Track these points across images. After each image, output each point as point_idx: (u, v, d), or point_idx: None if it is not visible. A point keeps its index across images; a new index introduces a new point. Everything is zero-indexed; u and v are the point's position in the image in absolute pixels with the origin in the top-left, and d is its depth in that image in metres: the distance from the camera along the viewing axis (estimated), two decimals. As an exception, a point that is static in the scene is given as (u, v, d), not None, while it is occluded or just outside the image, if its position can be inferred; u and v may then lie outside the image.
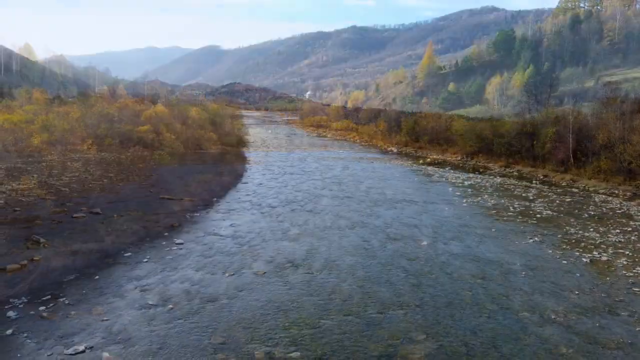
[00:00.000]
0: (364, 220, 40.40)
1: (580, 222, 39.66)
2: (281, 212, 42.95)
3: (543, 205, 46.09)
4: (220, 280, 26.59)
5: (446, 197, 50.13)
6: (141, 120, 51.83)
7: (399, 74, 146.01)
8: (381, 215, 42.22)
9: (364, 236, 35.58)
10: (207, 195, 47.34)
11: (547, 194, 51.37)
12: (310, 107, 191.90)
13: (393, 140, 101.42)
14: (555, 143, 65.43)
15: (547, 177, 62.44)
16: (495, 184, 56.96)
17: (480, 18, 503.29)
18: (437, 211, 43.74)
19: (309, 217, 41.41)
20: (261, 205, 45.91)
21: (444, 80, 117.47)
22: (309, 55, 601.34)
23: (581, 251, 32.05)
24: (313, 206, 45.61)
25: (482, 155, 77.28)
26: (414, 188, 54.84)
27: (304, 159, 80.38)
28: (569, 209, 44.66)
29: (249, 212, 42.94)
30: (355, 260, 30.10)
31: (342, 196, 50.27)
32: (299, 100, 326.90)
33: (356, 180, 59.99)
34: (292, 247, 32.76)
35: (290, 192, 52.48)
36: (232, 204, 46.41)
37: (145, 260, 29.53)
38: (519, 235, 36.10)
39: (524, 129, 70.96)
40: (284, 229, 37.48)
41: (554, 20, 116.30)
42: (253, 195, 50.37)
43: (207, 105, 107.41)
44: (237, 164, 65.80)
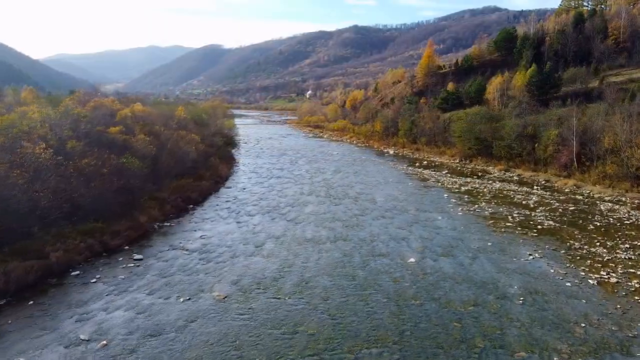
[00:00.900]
0: (349, 231, 36.94)
1: (585, 235, 36.14)
2: (259, 222, 39.53)
3: (544, 214, 42.59)
4: (172, 306, 23.18)
5: (440, 204, 46.65)
6: (116, 121, 48.53)
7: (397, 74, 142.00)
8: (368, 225, 38.75)
9: (346, 251, 32.11)
10: (181, 202, 43.90)
11: (548, 201, 47.86)
12: (308, 107, 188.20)
13: (390, 142, 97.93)
14: (558, 146, 61.87)
15: (549, 182, 58.91)
16: (493, 190, 53.48)
17: (483, 18, 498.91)
18: (430, 221, 40.26)
19: (289, 227, 37.97)
20: (239, 213, 42.50)
21: (444, 79, 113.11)
22: (310, 54, 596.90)
23: (587, 270, 28.55)
24: (296, 214, 42.16)
25: (481, 158, 73.74)
26: (407, 194, 51.38)
27: (295, 161, 76.99)
28: (572, 218, 41.15)
29: (225, 222, 39.53)
30: (332, 282, 26.65)
31: (328, 203, 46.83)
32: (300, 99, 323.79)
33: (346, 184, 56.54)
34: (263, 265, 29.34)
35: (274, 198, 49.05)
36: (208, 212, 43.02)
37: (93, 280, 26.16)
38: (517, 250, 32.60)
39: (525, 130, 67.40)
40: (259, 242, 34.07)
41: (556, 18, 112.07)
42: (233, 202, 46.97)
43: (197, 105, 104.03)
44: (222, 166, 62.43)
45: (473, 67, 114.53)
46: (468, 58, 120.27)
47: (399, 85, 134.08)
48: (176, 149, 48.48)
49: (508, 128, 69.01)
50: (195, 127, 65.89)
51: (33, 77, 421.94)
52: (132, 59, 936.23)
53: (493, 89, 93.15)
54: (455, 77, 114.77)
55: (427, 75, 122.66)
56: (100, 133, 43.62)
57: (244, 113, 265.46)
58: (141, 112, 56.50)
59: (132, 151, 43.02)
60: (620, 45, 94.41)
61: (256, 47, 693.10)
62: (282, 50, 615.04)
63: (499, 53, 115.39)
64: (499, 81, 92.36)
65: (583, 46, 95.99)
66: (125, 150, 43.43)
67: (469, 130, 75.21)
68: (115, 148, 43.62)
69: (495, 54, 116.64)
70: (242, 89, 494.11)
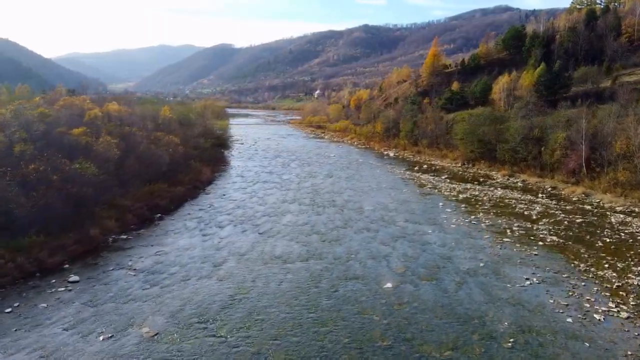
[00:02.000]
0: (325, 247, 32.89)
1: (592, 254, 31.78)
2: (228, 235, 35.60)
3: (548, 227, 38.23)
4: (87, 347, 19.28)
5: (433, 215, 42.42)
6: (84, 122, 44.93)
7: (402, 73, 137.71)
8: (348, 240, 34.66)
9: (315, 272, 28.06)
10: (147, 211, 40.09)
11: (553, 212, 43.45)
12: (312, 107, 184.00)
13: (391, 144, 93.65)
14: (566, 150, 57.31)
15: (555, 189, 54.41)
16: (494, 198, 49.14)
17: (494, 17, 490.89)
18: (418, 235, 36.09)
19: (259, 241, 34.00)
20: (209, 224, 38.60)
21: (450, 79, 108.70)
22: (320, 54, 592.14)
23: (592, 301, 24.27)
24: (271, 226, 38.18)
25: (484, 162, 69.28)
26: (399, 202, 47.19)
27: (288, 163, 73.04)
28: (578, 233, 36.76)
29: (189, 235, 35.65)
30: (288, 314, 22.64)
31: (310, 212, 42.80)
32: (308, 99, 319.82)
33: (335, 191, 52.47)
34: (215, 289, 25.39)
35: (253, 206, 45.10)
36: (175, 222, 39.17)
37: (8, 310, 22.35)
38: (513, 272, 28.36)
39: (531, 133, 62.90)
40: (219, 260, 30.13)
41: (568, 16, 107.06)
42: (207, 211, 43.09)
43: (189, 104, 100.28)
44: (206, 169, 58.63)
45: (480, 67, 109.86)
46: (475, 57, 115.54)
47: (404, 85, 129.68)
48: (147, 152, 44.63)
49: (513, 130, 64.53)
50: (179, 128, 62.08)
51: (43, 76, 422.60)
52: (143, 58, 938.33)
53: (499, 88, 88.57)
54: (461, 77, 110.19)
55: (432, 74, 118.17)
56: (61, 135, 39.84)
57: (250, 112, 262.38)
58: (116, 112, 52.78)
59: (94, 155, 39.25)
60: (635, 44, 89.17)
61: (266, 46, 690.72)
62: (291, 49, 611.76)
63: (507, 52, 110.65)
64: (506, 81, 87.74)
65: (595, 44, 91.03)
66: (88, 154, 39.73)
67: (472, 133, 70.79)
68: (77, 151, 39.94)
69: (503, 52, 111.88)
70: (251, 88, 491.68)
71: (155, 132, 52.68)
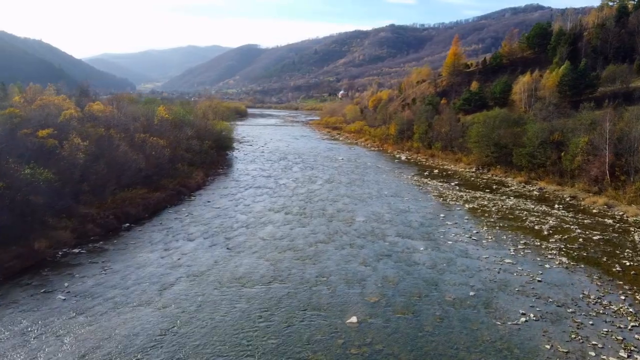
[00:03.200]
0: (296, 267, 28.90)
1: (607, 281, 27.04)
2: (192, 250, 31.91)
3: (559, 245, 33.45)
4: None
5: (430, 228, 37.98)
6: (58, 122, 42.03)
7: (423, 73, 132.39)
8: (325, 258, 30.58)
9: (274, 300, 24.10)
10: (114, 220, 36.71)
11: (569, 226, 38.51)
12: (330, 108, 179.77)
13: (404, 146, 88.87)
14: (588, 156, 52.03)
15: (574, 199, 49.20)
16: (504, 209, 44.35)
17: (524, 16, 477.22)
18: (407, 253, 31.77)
19: (223, 258, 30.19)
20: (177, 235, 35.01)
21: (471, 79, 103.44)
22: (345, 54, 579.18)
23: (600, 348, 19.77)
24: (244, 239, 34.36)
25: (500, 167, 64.15)
26: (396, 212, 42.85)
27: (290, 167, 69.20)
28: (594, 253, 31.93)
29: (150, 248, 32.08)
30: (221, 358, 18.74)
31: (295, 223, 38.83)
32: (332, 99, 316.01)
33: (331, 198, 48.41)
34: (148, 320, 21.66)
35: (235, 215, 41.38)
36: (142, 233, 35.69)
37: None
38: (508, 304, 23.93)
39: (550, 137, 57.65)
40: (169, 281, 26.43)
41: (598, 13, 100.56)
42: (182, 220, 39.53)
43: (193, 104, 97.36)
44: (198, 173, 55.20)
45: (502, 66, 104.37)
46: (497, 56, 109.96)
47: (423, 85, 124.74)
48: (121, 156, 41.34)
49: (530, 133, 59.30)
50: (173, 129, 58.77)
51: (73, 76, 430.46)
52: (171, 59, 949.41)
53: (520, 89, 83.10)
54: (482, 77, 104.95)
55: (452, 74, 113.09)
56: (25, 137, 36.80)
57: (272, 113, 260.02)
58: (100, 113, 49.76)
59: (57, 159, 36.09)
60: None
61: (292, 46, 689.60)
62: (317, 49, 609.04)
63: (531, 50, 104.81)
64: (527, 80, 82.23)
65: (626, 42, 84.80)
66: (53, 158, 36.64)
67: (487, 136, 65.70)
68: (42, 155, 36.90)
69: (527, 51, 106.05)
70: (276, 88, 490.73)
71: (141, 134, 49.32)
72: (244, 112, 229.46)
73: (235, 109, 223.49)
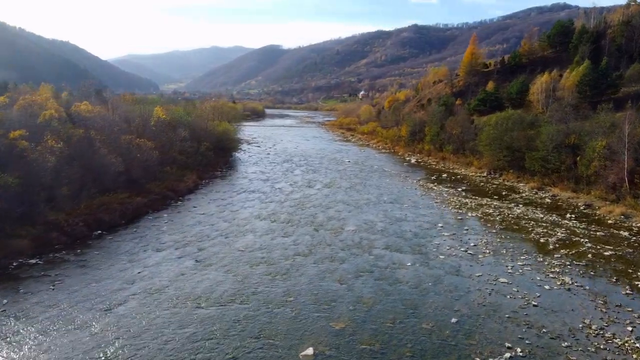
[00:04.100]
0: (262, 284, 26.14)
1: (614, 309, 23.63)
2: (156, 262, 29.38)
3: (565, 262, 30.05)
4: None
5: (425, 240, 34.86)
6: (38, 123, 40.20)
7: (440, 72, 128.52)
8: (299, 273, 27.77)
9: (226, 325, 21.39)
10: (83, 227, 34.48)
11: (579, 239, 34.96)
12: (345, 108, 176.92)
13: (415, 148, 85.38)
14: (605, 161, 48.16)
15: (589, 207, 45.40)
16: (510, 218, 40.91)
17: (550, 16, 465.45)
18: (391, 269, 28.78)
19: (187, 273, 27.60)
20: (148, 245, 32.57)
21: (488, 79, 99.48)
22: (367, 54, 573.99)
23: (594, 395, 16.47)
24: (217, 250, 31.76)
25: (512, 172, 60.36)
26: (391, 221, 39.78)
27: (292, 169, 66.54)
28: (603, 272, 28.48)
29: (113, 260, 29.66)
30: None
31: (278, 232, 36.12)
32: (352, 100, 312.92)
33: (325, 204, 45.57)
34: (70, 347, 19.15)
35: (217, 222, 38.85)
36: (112, 241, 33.36)
37: None
38: (493, 335, 20.80)
39: (566, 140, 53.80)
40: (118, 300, 23.90)
41: (624, 10, 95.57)
42: (159, 227, 37.15)
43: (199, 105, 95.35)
44: (191, 176, 52.80)
45: (521, 65, 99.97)
46: (516, 55, 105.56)
47: (439, 85, 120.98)
48: (98, 158, 39.17)
49: (544, 136, 55.50)
50: (166, 130, 56.58)
51: (98, 77, 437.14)
52: (195, 59, 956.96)
53: (537, 89, 78.96)
54: (501, 77, 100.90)
55: (469, 74, 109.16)
56: (-4, 138, 34.89)
57: (290, 113, 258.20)
58: (88, 113, 47.80)
59: (25, 162, 34.03)
60: (700, 37, 77.70)
61: (314, 47, 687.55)
62: (339, 50, 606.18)
63: (552, 49, 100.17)
64: (545, 80, 78.05)
65: (653, 40, 79.94)
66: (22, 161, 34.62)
67: (499, 138, 61.99)
68: (12, 158, 34.91)
69: (548, 50, 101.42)
70: (297, 89, 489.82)
71: (128, 135, 47.18)
72: (261, 113, 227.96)
73: (252, 109, 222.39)
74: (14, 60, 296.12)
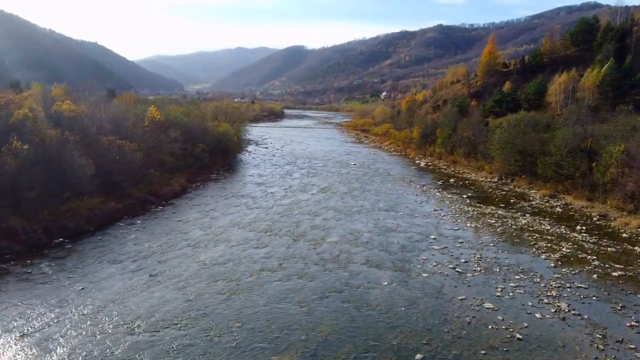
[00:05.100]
0: (212, 305, 23.26)
1: (617, 348, 20.11)
2: (105, 277, 26.78)
3: (564, 284, 26.42)
4: None
5: (411, 254, 31.54)
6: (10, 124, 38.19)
7: (458, 73, 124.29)
8: (257, 293, 24.81)
9: (151, 357, 18.54)
10: (42, 235, 32.15)
11: (586, 255, 31.20)
12: (361, 109, 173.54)
13: (427, 151, 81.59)
14: (623, 167, 43.99)
15: (604, 218, 41.36)
16: (513, 229, 37.25)
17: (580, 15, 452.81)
18: (363, 289, 25.61)
19: (133, 289, 24.87)
20: (104, 256, 30.02)
21: (507, 79, 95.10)
22: (391, 55, 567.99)
23: None
24: (178, 263, 29.02)
25: (524, 178, 56.34)
26: (380, 232, 36.51)
27: (292, 172, 63.66)
28: (608, 297, 24.80)
29: (60, 274, 27.17)
30: None
31: (252, 243, 33.23)
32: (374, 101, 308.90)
33: (314, 211, 42.54)
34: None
35: (191, 230, 36.17)
36: (71, 251, 30.91)
37: None
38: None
39: (583, 144, 49.70)
40: (41, 323, 21.32)
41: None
42: (127, 235, 34.65)
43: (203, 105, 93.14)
44: (179, 179, 50.28)
45: (542, 65, 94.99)
46: (537, 54, 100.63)
47: (456, 85, 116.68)
48: (67, 161, 36.85)
49: (558, 139, 51.45)
50: (157, 131, 54.24)
51: (124, 77, 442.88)
52: (220, 60, 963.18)
53: (555, 89, 74.47)
54: (520, 77, 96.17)
55: (487, 74, 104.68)
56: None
57: (310, 114, 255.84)
58: (71, 113, 45.70)
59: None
60: None
61: (338, 47, 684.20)
62: (362, 50, 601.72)
63: (576, 48, 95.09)
64: (563, 80, 73.53)
65: (683, 37, 74.73)
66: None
67: (510, 142, 58.02)
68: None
69: (571, 49, 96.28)
70: (320, 90, 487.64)
71: (109, 136, 44.89)
72: (279, 113, 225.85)
73: (269, 110, 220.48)
74: (42, 61, 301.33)
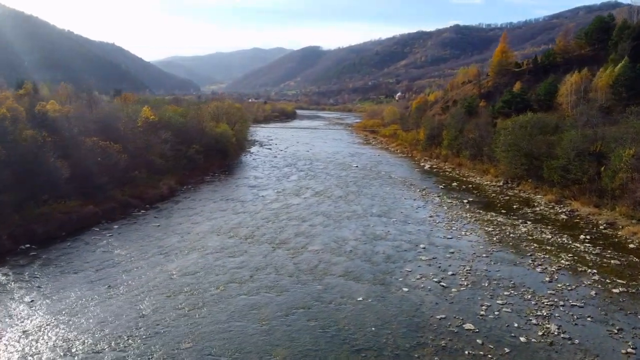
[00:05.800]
0: (164, 321, 21.42)
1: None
2: (60, 287, 25.09)
3: (557, 302, 24.07)
4: None
5: (394, 266, 29.38)
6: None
7: (469, 73, 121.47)
8: (218, 308, 22.90)
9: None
10: (8, 241, 30.60)
11: (586, 269, 28.71)
12: (371, 110, 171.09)
13: (432, 153, 79.06)
14: (633, 172, 41.24)
15: (612, 227, 38.69)
16: (511, 238, 34.84)
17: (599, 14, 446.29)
18: (332, 306, 23.55)
19: (86, 302, 23.13)
20: (67, 265, 28.40)
21: (519, 79, 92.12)
22: (407, 55, 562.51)
23: None
24: (141, 273, 27.21)
25: (530, 182, 53.70)
26: (367, 240, 34.39)
27: (289, 175, 61.77)
28: (605, 319, 22.40)
29: (13, 284, 25.54)
30: None
31: (228, 251, 31.36)
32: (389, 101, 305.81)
33: (302, 216, 40.57)
34: None
35: (167, 237, 34.43)
36: (35, 258, 29.36)
37: None
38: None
39: (592, 147, 46.99)
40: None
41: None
42: (99, 241, 33.02)
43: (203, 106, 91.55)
44: (168, 181, 48.60)
45: (555, 65, 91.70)
46: (550, 53, 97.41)
47: (467, 86, 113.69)
48: (40, 163, 35.36)
49: (565, 142, 48.75)
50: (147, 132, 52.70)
51: (140, 78, 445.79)
52: (236, 61, 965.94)
53: (566, 90, 71.44)
54: (533, 77, 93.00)
55: (498, 74, 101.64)
56: None
57: (322, 114, 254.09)
58: (56, 113, 44.35)
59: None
60: None
61: (353, 48, 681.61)
62: (378, 51, 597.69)
63: (590, 47, 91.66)
64: (575, 80, 70.46)
65: (702, 34, 71.24)
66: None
67: (516, 144, 55.39)
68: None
69: (585, 48, 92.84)
70: (334, 90, 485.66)
71: (92, 137, 43.39)
72: (291, 114, 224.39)
73: (280, 110, 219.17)
74: (60, 61, 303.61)
